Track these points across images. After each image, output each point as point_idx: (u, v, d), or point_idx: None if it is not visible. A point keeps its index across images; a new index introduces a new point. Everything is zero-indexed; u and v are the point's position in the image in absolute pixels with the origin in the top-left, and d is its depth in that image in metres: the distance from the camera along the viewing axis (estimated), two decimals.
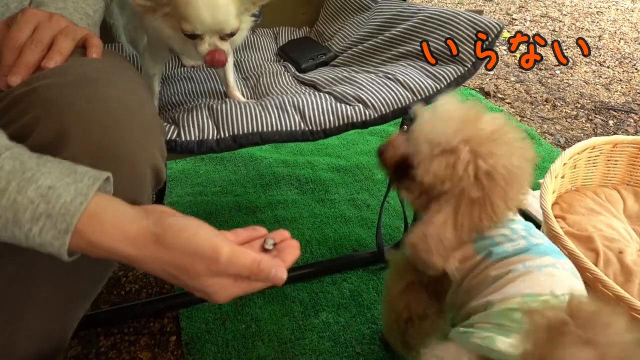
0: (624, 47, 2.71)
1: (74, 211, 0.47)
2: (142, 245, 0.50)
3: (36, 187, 0.47)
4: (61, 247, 0.47)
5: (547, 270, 0.67)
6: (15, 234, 0.47)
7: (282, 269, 0.55)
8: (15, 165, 0.47)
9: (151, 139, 0.61)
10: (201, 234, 0.51)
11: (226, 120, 0.88)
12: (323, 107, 0.91)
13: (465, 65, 0.95)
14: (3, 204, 0.45)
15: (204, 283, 0.51)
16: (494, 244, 0.72)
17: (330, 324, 1.08)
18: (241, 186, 1.51)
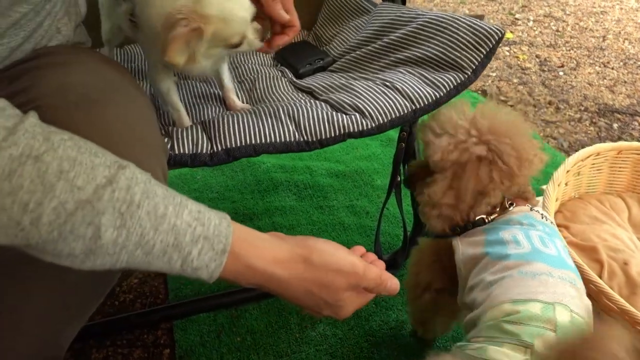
0: (629, 48, 2.67)
1: (226, 233, 0.50)
2: (291, 266, 0.55)
3: (189, 211, 0.48)
4: (216, 269, 0.49)
5: (540, 278, 0.67)
6: (172, 258, 0.47)
7: (395, 280, 0.64)
8: (164, 191, 0.48)
9: (153, 159, 0.60)
10: (338, 252, 0.58)
11: (219, 134, 0.86)
12: (319, 117, 0.89)
13: (465, 73, 0.92)
14: (164, 228, 0.46)
15: (340, 297, 0.58)
16: (500, 242, 0.71)
17: (327, 336, 1.05)
18: (238, 192, 1.49)
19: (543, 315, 0.62)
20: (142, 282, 1.18)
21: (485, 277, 0.70)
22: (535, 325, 0.61)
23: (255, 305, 1.12)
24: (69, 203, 0.43)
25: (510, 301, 0.64)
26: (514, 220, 0.78)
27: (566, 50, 2.65)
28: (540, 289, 0.64)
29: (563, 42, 2.77)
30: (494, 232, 0.76)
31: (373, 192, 1.49)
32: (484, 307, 0.67)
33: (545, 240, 0.75)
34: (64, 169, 0.43)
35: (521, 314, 0.62)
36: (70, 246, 0.44)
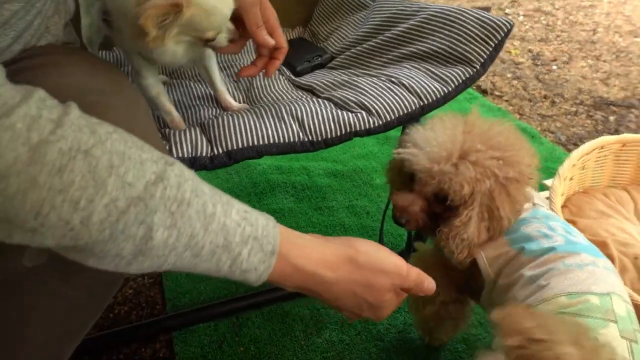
0: (619, 41, 2.67)
1: (274, 233, 0.48)
2: (338, 267, 0.53)
3: (237, 210, 0.47)
4: (265, 271, 0.48)
5: (588, 269, 0.64)
6: (220, 260, 0.45)
7: (431, 280, 0.62)
8: (211, 189, 0.46)
9: None
10: (381, 252, 0.57)
11: (220, 136, 0.81)
12: (323, 116, 0.85)
13: (473, 67, 0.89)
14: (214, 228, 0.44)
15: (383, 298, 0.57)
16: (529, 239, 0.68)
17: (334, 342, 1.01)
18: (234, 195, 1.41)
19: (602, 306, 0.60)
20: (137, 293, 1.13)
21: (524, 273, 0.66)
22: (596, 316, 0.59)
23: (258, 312, 1.08)
24: (121, 200, 0.39)
25: (565, 294, 0.61)
26: (527, 217, 0.75)
27: (558, 44, 2.64)
28: (591, 280, 0.62)
29: (554, 36, 2.76)
30: (513, 231, 0.73)
31: (373, 192, 1.45)
32: (531, 302, 0.63)
33: (570, 230, 0.73)
34: (114, 164, 0.40)
35: (581, 305, 0.60)
36: (119, 247, 0.41)
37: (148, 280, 1.16)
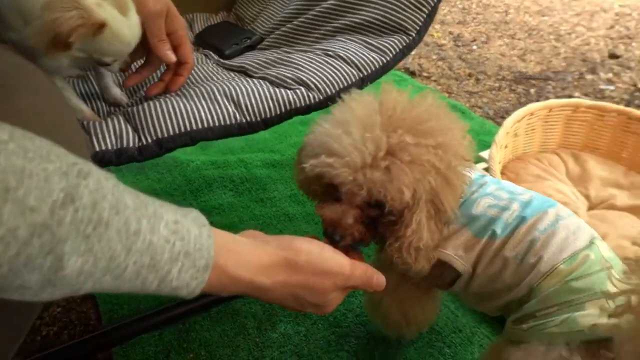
0: (530, 20, 2.82)
1: (208, 245, 0.44)
2: (276, 272, 0.50)
3: (165, 223, 0.41)
4: (198, 286, 0.44)
5: (561, 225, 0.63)
6: (147, 280, 0.40)
7: (381, 276, 0.59)
8: (135, 199, 0.40)
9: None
10: (324, 253, 0.54)
11: (147, 123, 0.73)
12: (260, 94, 0.79)
13: (409, 35, 0.87)
14: (138, 248, 0.38)
15: (326, 298, 0.54)
16: (493, 221, 0.65)
17: (290, 335, 0.96)
18: (168, 195, 1.34)
19: (596, 258, 0.59)
20: (67, 310, 1.02)
21: (507, 256, 0.63)
22: (598, 270, 0.58)
23: (205, 315, 1.00)
24: (22, 229, 0.32)
25: (561, 263, 0.59)
26: (469, 197, 0.69)
27: (475, 26, 2.75)
28: (571, 235, 0.62)
29: (471, 18, 2.87)
30: (469, 221, 0.67)
31: None
32: (530, 281, 0.61)
33: (510, 188, 0.71)
34: (10, 186, 0.32)
35: (582, 267, 0.58)
36: (23, 279, 0.34)
37: (78, 295, 1.05)
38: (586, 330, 0.54)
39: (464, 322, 0.98)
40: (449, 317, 0.98)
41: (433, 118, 0.60)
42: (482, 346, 0.93)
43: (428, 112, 0.61)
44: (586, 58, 2.31)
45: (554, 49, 2.42)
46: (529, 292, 0.62)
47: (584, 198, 1.17)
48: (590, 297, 0.57)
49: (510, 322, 0.65)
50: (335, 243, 0.61)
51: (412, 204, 0.59)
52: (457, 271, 0.68)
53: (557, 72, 2.17)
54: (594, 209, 1.15)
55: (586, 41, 2.52)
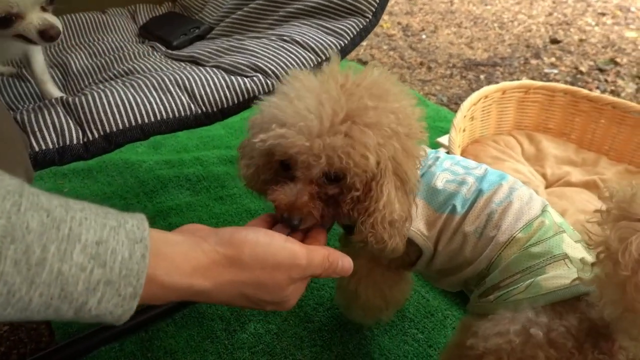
0: (474, 9, 2.89)
1: (139, 269, 0.37)
2: (215, 273, 0.44)
3: (82, 247, 0.35)
4: (126, 313, 0.37)
5: (515, 195, 0.64)
6: (60, 309, 0.35)
7: (347, 259, 0.53)
8: (43, 219, 0.34)
9: (14, 157, 0.44)
10: (274, 242, 0.47)
11: (92, 116, 0.68)
12: (215, 83, 0.75)
13: (365, 17, 0.85)
14: (44, 280, 0.33)
15: (283, 294, 0.49)
16: (452, 196, 0.64)
17: (261, 335, 0.93)
18: (120, 198, 1.27)
19: (550, 224, 0.60)
20: (14, 328, 0.93)
21: (467, 230, 0.63)
22: (552, 235, 0.59)
23: (169, 320, 0.95)
24: None
25: (518, 231, 0.60)
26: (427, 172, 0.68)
27: (422, 16, 2.78)
28: (525, 205, 0.63)
29: (417, 9, 2.90)
30: (428, 194, 0.66)
31: None
32: (489, 253, 0.61)
33: (464, 162, 0.71)
34: None
35: (538, 233, 0.59)
36: None
37: None
38: (551, 292, 0.54)
39: (435, 305, 0.97)
40: (420, 302, 0.98)
41: (387, 83, 0.57)
42: (455, 328, 0.93)
43: (380, 79, 0.58)
44: (529, 44, 2.39)
45: (499, 36, 2.49)
46: (489, 265, 0.63)
47: (541, 177, 1.19)
48: (550, 261, 0.58)
49: (476, 297, 0.65)
50: (295, 229, 0.56)
51: (379, 174, 0.55)
52: (421, 249, 0.67)
53: (503, 57, 2.23)
54: (551, 187, 1.17)
55: (528, 28, 2.61)
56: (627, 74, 2.08)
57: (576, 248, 0.60)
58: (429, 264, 0.68)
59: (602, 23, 2.66)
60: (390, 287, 0.76)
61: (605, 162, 1.24)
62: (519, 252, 0.59)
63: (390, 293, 0.76)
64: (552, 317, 0.52)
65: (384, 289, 0.76)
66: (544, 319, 0.52)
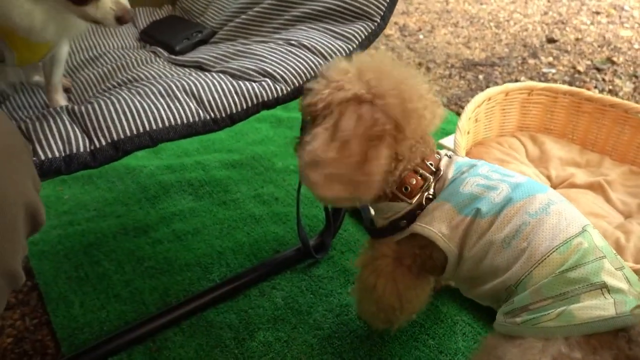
0: (470, 9, 2.89)
1: None
2: None
3: None
4: None
5: (552, 209, 0.62)
6: None
7: None
8: None
9: (22, 170, 0.42)
10: None
11: (99, 123, 0.66)
12: (224, 88, 0.74)
13: (374, 20, 0.84)
14: None
15: None
16: (477, 199, 0.63)
17: (270, 343, 0.92)
18: (122, 205, 1.25)
19: (589, 246, 0.58)
20: (18, 340, 0.92)
21: (493, 238, 0.62)
22: (592, 260, 0.57)
23: (177, 330, 0.93)
24: None
25: (554, 250, 0.58)
26: (458, 176, 0.70)
27: (419, 16, 2.78)
28: (563, 222, 0.60)
29: (414, 8, 2.90)
30: (454, 196, 0.67)
31: (277, 176, 1.36)
32: (521, 268, 0.59)
33: (501, 170, 0.71)
34: None
35: (575, 256, 0.57)
36: None
37: (31, 323, 0.95)
38: (583, 323, 0.53)
39: (445, 312, 0.97)
40: (430, 309, 0.97)
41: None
42: (465, 334, 0.92)
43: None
44: (526, 43, 2.39)
45: (496, 36, 2.49)
46: (518, 282, 0.61)
47: (546, 179, 1.19)
48: (586, 289, 0.55)
49: (502, 315, 0.63)
50: None
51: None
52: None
53: (501, 57, 2.23)
54: (556, 189, 1.17)
55: (524, 27, 2.61)
56: (624, 73, 2.09)
57: (616, 276, 0.57)
58: (457, 272, 0.67)
59: (597, 22, 2.67)
60: (408, 287, 0.75)
61: (609, 163, 1.24)
62: (552, 275, 0.57)
63: (405, 294, 0.75)
64: (587, 353, 0.51)
65: (400, 288, 0.75)
66: (578, 354, 0.51)
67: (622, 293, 0.55)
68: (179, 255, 1.10)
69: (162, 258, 1.09)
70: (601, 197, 1.14)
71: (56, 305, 0.98)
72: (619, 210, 1.11)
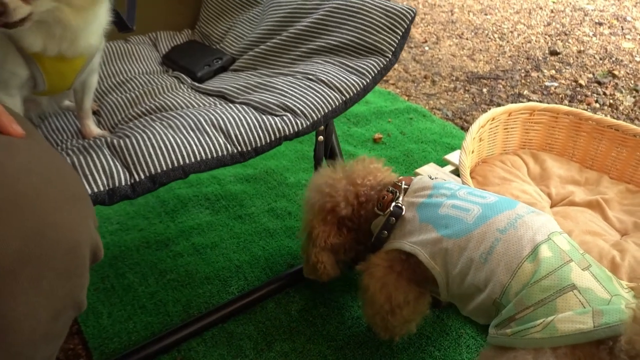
0: (474, 19, 2.94)
1: None
2: None
3: None
4: None
5: (519, 223, 0.70)
6: None
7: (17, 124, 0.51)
8: None
9: (85, 210, 0.49)
10: None
11: (138, 158, 0.73)
12: (249, 123, 0.80)
13: (386, 56, 0.90)
14: None
15: None
16: (453, 220, 0.73)
17: (287, 353, 0.98)
18: (143, 218, 1.32)
19: (554, 254, 0.65)
20: None
21: (471, 256, 0.69)
22: (561, 265, 0.64)
23: (200, 340, 1.00)
24: None
25: (525, 260, 0.65)
26: (434, 201, 0.80)
27: (424, 27, 2.83)
28: (529, 233, 0.67)
29: (419, 19, 2.95)
30: (431, 218, 0.77)
31: (289, 191, 1.43)
32: (500, 280, 0.67)
33: (477, 193, 0.78)
34: None
35: (545, 265, 0.64)
36: None
37: None
38: (567, 335, 0.59)
39: (450, 325, 1.03)
40: (436, 322, 1.03)
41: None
42: (469, 347, 0.99)
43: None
44: (529, 56, 2.45)
45: (500, 48, 2.55)
46: (502, 294, 0.68)
47: (546, 196, 1.25)
48: (559, 294, 0.63)
49: (493, 328, 0.70)
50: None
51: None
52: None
53: (505, 70, 2.29)
54: (555, 206, 1.23)
55: (527, 39, 2.67)
56: (625, 87, 2.15)
57: (584, 276, 0.64)
58: (448, 290, 0.75)
59: (600, 33, 2.73)
60: (397, 290, 0.83)
61: (607, 182, 1.30)
62: (529, 285, 0.64)
63: (395, 296, 0.83)
64: None
65: (390, 290, 0.83)
66: None
67: (591, 291, 0.62)
68: (199, 268, 1.17)
69: (184, 271, 1.16)
70: (599, 215, 1.20)
71: (86, 315, 1.05)
72: (616, 228, 1.18)
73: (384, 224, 0.84)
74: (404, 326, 0.89)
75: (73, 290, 0.48)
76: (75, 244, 0.47)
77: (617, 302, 0.59)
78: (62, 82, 0.84)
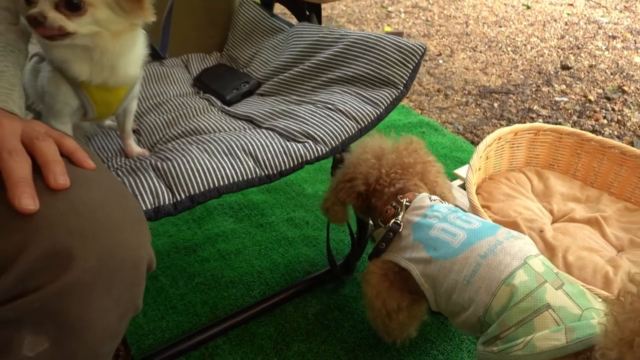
0: (489, 32, 3.01)
1: None
2: None
3: None
4: None
5: (498, 249, 0.78)
6: None
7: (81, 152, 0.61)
8: None
9: (143, 230, 0.59)
10: None
11: (179, 180, 0.83)
12: (275, 149, 0.91)
13: (398, 88, 1.00)
14: None
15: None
16: (441, 243, 0.82)
17: (304, 353, 1.09)
18: (173, 225, 1.43)
19: (530, 277, 0.73)
20: None
21: (456, 278, 0.78)
22: (536, 287, 0.71)
23: (225, 339, 1.11)
24: None
25: (502, 283, 0.73)
26: (428, 222, 0.89)
27: (439, 39, 2.92)
28: (507, 258, 0.76)
29: (434, 31, 3.04)
30: (423, 238, 0.86)
31: (307, 201, 1.53)
32: (482, 301, 0.75)
33: (464, 218, 0.87)
34: None
35: (522, 288, 0.71)
36: None
37: None
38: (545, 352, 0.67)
39: (453, 330, 1.13)
40: (440, 328, 1.13)
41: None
42: (470, 352, 1.08)
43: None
44: (541, 70, 2.51)
45: (512, 62, 2.62)
46: (485, 312, 0.76)
47: (548, 213, 1.34)
48: (535, 314, 0.70)
49: (481, 345, 0.77)
50: None
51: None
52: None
53: (516, 85, 2.36)
54: (556, 222, 1.32)
55: (540, 52, 2.73)
56: (634, 103, 2.20)
57: (557, 295, 0.71)
58: (438, 305, 0.85)
59: (612, 47, 2.78)
60: (391, 297, 0.92)
61: (607, 200, 1.38)
62: (509, 307, 0.72)
63: (389, 302, 0.92)
64: None
65: (384, 297, 0.93)
66: None
67: (564, 309, 0.69)
68: (224, 273, 1.28)
69: (210, 275, 1.27)
70: (597, 232, 1.28)
71: None
72: (613, 244, 1.25)
73: (384, 236, 0.93)
74: (403, 330, 0.98)
75: (134, 297, 0.59)
76: (137, 260, 0.58)
77: (587, 316, 0.67)
78: (108, 110, 0.95)
